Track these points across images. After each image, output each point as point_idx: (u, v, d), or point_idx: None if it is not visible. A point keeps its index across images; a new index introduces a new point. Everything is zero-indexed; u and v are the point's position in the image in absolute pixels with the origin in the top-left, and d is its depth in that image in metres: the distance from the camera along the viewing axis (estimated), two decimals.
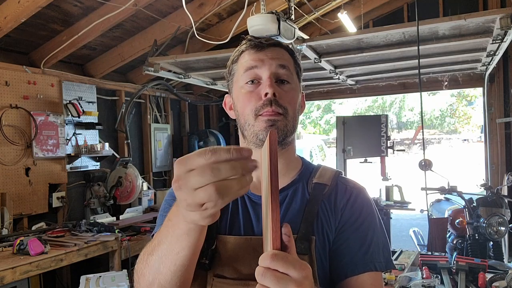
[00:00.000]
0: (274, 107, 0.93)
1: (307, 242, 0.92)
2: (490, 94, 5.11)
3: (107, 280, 3.01)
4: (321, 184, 1.00)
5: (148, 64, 4.03)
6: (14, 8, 3.02)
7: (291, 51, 1.03)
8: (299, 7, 4.25)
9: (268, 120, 0.93)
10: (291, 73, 0.99)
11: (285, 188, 1.01)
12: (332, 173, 1.04)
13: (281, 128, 0.95)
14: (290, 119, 0.96)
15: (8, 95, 3.58)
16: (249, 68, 0.97)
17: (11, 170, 3.60)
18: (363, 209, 0.99)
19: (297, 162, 1.07)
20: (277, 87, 0.95)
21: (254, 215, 0.99)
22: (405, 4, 5.42)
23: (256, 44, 0.98)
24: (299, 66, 1.05)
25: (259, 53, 0.97)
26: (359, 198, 1.00)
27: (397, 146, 6.29)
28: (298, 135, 21.63)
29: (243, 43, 1.02)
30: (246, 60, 0.98)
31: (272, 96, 0.93)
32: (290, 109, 0.96)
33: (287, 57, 1.01)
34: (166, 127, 5.67)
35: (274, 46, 0.99)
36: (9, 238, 3.23)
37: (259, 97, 0.95)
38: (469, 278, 2.25)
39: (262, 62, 0.96)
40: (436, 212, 4.64)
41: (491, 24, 3.19)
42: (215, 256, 0.96)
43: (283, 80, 0.97)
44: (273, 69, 0.96)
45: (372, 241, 0.97)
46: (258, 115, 0.95)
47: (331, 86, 5.87)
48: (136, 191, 4.54)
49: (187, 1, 3.48)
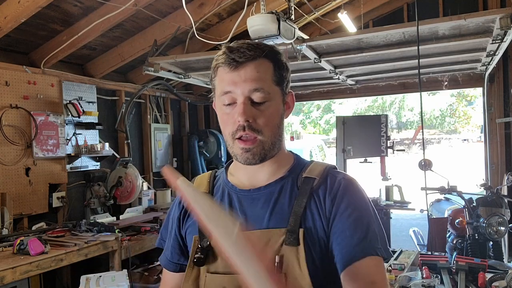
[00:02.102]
0: (247, 131, 0.96)
1: (296, 234, 0.95)
2: (490, 94, 5.11)
3: (107, 280, 3.01)
4: (310, 178, 1.02)
5: (148, 64, 4.04)
6: (14, 8, 3.02)
7: (272, 55, 1.00)
8: (299, 7, 4.25)
9: (243, 148, 0.98)
10: (267, 91, 0.97)
11: (273, 184, 1.04)
12: (323, 167, 1.05)
13: (257, 152, 0.99)
14: (267, 140, 0.99)
15: (8, 95, 3.58)
16: (224, 93, 0.98)
17: (11, 170, 3.60)
18: (355, 197, 1.00)
19: (288, 159, 1.09)
20: (252, 109, 0.96)
21: (242, 211, 1.03)
22: (405, 4, 5.42)
23: (230, 61, 0.96)
24: (283, 69, 1.02)
25: (233, 73, 0.96)
26: (349, 188, 1.01)
27: (397, 146, 6.29)
28: (298, 135, 21.65)
29: (220, 55, 1.00)
30: (222, 80, 0.99)
31: (244, 123, 0.95)
32: (267, 130, 0.98)
33: (265, 68, 0.98)
34: (166, 127, 5.67)
35: (249, 61, 0.96)
36: (9, 238, 3.23)
37: (235, 120, 0.97)
38: (469, 278, 2.25)
39: (236, 86, 0.96)
40: (436, 212, 4.64)
41: (491, 24, 3.19)
42: (209, 252, 1.01)
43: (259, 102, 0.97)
44: (246, 94, 0.96)
45: (369, 227, 0.97)
46: (235, 138, 0.98)
47: (331, 86, 5.87)
48: (136, 191, 4.54)
49: (187, 1, 3.48)
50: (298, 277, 0.93)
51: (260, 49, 0.98)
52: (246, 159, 0.99)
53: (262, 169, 1.04)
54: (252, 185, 1.05)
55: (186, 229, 1.11)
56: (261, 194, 1.03)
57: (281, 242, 0.95)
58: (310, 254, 0.95)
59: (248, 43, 0.99)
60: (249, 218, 1.01)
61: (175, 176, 0.82)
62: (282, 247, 0.95)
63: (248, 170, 1.04)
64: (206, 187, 1.12)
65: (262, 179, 1.05)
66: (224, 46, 1.00)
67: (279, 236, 0.96)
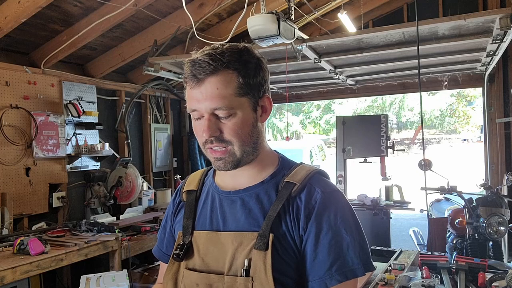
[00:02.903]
0: (215, 143, 0.98)
1: (266, 239, 0.95)
2: (490, 94, 5.11)
3: (107, 280, 3.01)
4: (290, 183, 1.01)
5: (148, 64, 4.04)
6: (14, 8, 3.02)
7: (237, 65, 0.96)
8: (299, 7, 4.25)
9: (214, 157, 1.01)
10: (230, 106, 0.95)
11: (252, 188, 1.04)
12: (307, 173, 1.03)
13: (229, 161, 1.00)
14: (238, 149, 0.99)
15: (9, 95, 3.58)
16: (191, 110, 0.99)
17: (12, 170, 3.60)
18: (331, 216, 0.97)
19: (273, 161, 1.08)
20: (217, 123, 0.97)
21: (221, 212, 1.05)
22: (405, 4, 5.42)
23: (191, 78, 0.96)
24: (252, 74, 0.98)
25: (195, 90, 0.96)
26: (326, 205, 0.98)
27: (396, 146, 6.29)
28: (298, 135, 21.65)
29: (185, 68, 0.98)
30: (188, 96, 0.99)
31: (208, 138, 0.97)
32: (236, 140, 0.98)
33: (227, 81, 0.95)
34: (166, 127, 5.67)
35: (210, 76, 0.94)
36: (9, 238, 3.23)
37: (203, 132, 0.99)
38: (469, 277, 2.25)
39: (199, 103, 0.96)
40: (436, 212, 4.64)
41: (490, 24, 3.19)
42: (189, 249, 1.04)
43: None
44: (209, 111, 0.96)
45: (344, 248, 0.95)
46: (205, 148, 1.01)
47: (331, 86, 5.87)
48: (136, 191, 4.55)
49: (187, 1, 3.48)
50: (264, 282, 0.93)
51: (221, 60, 0.94)
52: (218, 167, 1.02)
53: (241, 172, 1.05)
54: (233, 187, 1.06)
55: (175, 224, 1.16)
56: (239, 196, 1.04)
57: (252, 245, 0.96)
58: (278, 261, 0.95)
59: (210, 54, 0.94)
60: (227, 219, 1.03)
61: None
62: (252, 251, 0.96)
63: (230, 172, 1.05)
64: (196, 184, 1.14)
65: (242, 182, 1.05)
66: (188, 59, 0.97)
67: (250, 239, 0.97)
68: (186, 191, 1.14)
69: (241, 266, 0.96)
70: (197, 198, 1.12)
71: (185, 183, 1.18)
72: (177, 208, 1.17)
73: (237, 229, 1.00)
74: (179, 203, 1.17)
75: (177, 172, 5.72)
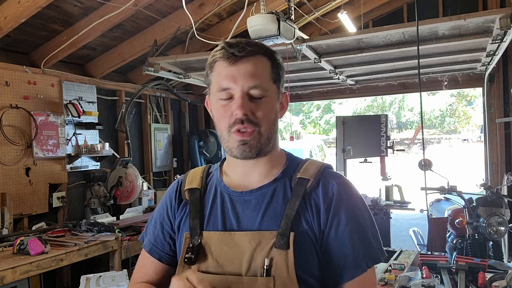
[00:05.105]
0: (246, 124, 0.96)
1: (286, 238, 0.94)
2: (490, 94, 5.11)
3: (107, 280, 3.01)
4: (304, 179, 1.01)
5: (148, 64, 4.04)
6: (14, 8, 3.02)
7: (269, 54, 1.02)
8: (299, 7, 4.25)
9: (240, 140, 0.97)
10: (265, 88, 0.98)
11: (266, 186, 1.03)
12: (317, 167, 1.04)
13: (254, 145, 0.98)
14: (264, 133, 0.98)
15: (8, 95, 3.58)
16: (222, 89, 0.98)
17: (12, 170, 3.60)
18: (350, 206, 1.00)
19: (281, 159, 1.08)
20: (249, 104, 0.96)
21: (234, 212, 1.02)
22: (405, 4, 5.42)
23: (229, 55, 0.97)
24: (279, 68, 1.03)
25: (232, 67, 0.96)
26: (344, 196, 1.00)
27: (396, 146, 6.30)
28: (298, 135, 21.65)
29: (218, 50, 1.00)
30: (219, 74, 0.98)
31: (242, 116, 0.95)
32: (264, 123, 0.98)
33: (263, 65, 0.99)
34: (166, 127, 5.67)
35: (249, 56, 0.97)
36: (9, 238, 3.23)
37: (232, 113, 0.97)
38: (469, 277, 2.25)
39: (234, 82, 0.96)
40: (436, 212, 4.64)
41: (490, 24, 3.19)
42: (200, 251, 1.00)
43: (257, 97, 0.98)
44: (245, 89, 0.96)
45: (367, 237, 0.99)
46: (231, 131, 0.97)
47: (331, 86, 5.87)
48: (136, 191, 4.55)
49: (187, 1, 3.48)
50: (286, 281, 0.92)
51: (259, 46, 1.00)
52: (242, 151, 0.98)
53: (255, 168, 1.03)
54: (245, 187, 1.04)
55: (177, 221, 1.10)
56: (253, 196, 1.02)
57: (271, 245, 0.95)
58: (300, 259, 0.94)
59: (247, 40, 1.00)
60: (241, 220, 1.01)
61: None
62: (272, 250, 0.94)
63: (241, 170, 1.04)
64: (199, 182, 1.10)
65: (254, 181, 1.04)
66: (223, 42, 1.01)
67: (269, 238, 0.95)
68: (188, 189, 1.09)
69: (260, 266, 0.94)
70: (201, 197, 1.08)
71: (185, 181, 1.12)
72: (178, 206, 1.11)
73: (253, 229, 0.98)
74: (180, 201, 1.11)
75: (177, 172, 5.72)
